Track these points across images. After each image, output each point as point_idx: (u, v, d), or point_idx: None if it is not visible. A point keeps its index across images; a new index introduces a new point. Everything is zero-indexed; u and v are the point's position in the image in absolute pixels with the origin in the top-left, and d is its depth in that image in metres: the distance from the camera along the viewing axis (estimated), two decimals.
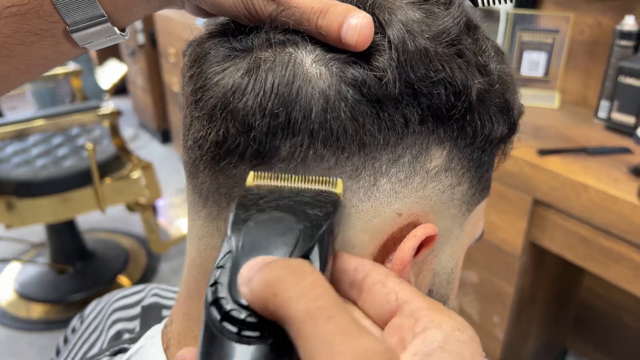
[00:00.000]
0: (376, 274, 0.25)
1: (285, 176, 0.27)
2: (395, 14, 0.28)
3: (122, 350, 0.40)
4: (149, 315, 0.46)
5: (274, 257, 0.22)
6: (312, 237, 0.24)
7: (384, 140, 0.28)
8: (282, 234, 0.24)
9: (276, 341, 0.21)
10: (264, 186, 0.27)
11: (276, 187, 0.27)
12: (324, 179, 0.27)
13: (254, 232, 0.24)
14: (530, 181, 1.16)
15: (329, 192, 0.27)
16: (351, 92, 0.27)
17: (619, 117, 1.25)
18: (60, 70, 1.97)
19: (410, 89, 0.28)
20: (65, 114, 1.65)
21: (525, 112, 0.36)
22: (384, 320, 0.25)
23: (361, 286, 0.26)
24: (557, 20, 1.39)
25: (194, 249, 0.33)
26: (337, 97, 0.27)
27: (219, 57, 0.29)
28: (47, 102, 2.64)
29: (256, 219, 0.24)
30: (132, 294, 0.51)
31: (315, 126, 0.27)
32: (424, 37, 0.28)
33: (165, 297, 0.49)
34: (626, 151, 1.16)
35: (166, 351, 0.36)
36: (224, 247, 0.24)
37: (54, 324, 1.89)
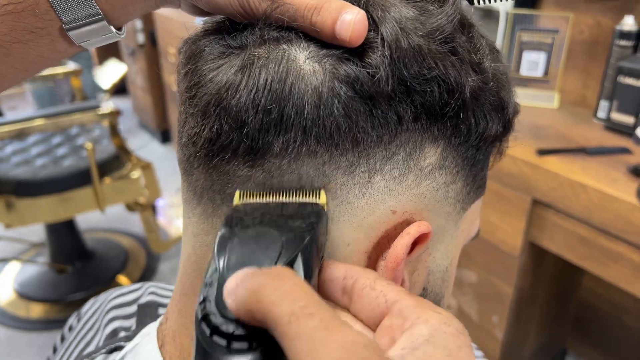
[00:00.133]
0: (365, 278, 0.26)
1: (271, 192, 0.28)
2: (389, 11, 0.28)
3: (118, 347, 0.40)
4: (146, 313, 0.46)
5: (258, 268, 0.23)
6: (295, 248, 0.24)
7: (377, 137, 0.28)
8: (266, 247, 0.25)
9: (265, 349, 0.21)
10: (249, 204, 0.28)
11: (261, 203, 0.28)
12: (307, 191, 0.28)
13: (239, 249, 0.25)
14: (529, 181, 1.16)
15: (312, 204, 0.28)
16: (344, 88, 0.27)
17: (618, 117, 1.24)
18: (59, 69, 1.97)
19: (403, 86, 0.28)
20: (64, 114, 1.65)
21: (524, 112, 0.36)
22: (375, 322, 0.25)
23: (352, 292, 0.26)
24: (557, 20, 1.39)
25: (189, 246, 0.33)
26: (330, 94, 0.27)
27: (213, 55, 0.29)
28: (46, 101, 2.64)
29: (241, 236, 0.25)
30: (129, 292, 0.51)
31: (308, 122, 0.27)
32: (417, 35, 0.28)
33: (161, 295, 0.49)
34: (625, 151, 1.16)
35: (161, 348, 0.36)
36: (211, 266, 0.24)
37: (54, 324, 1.89)
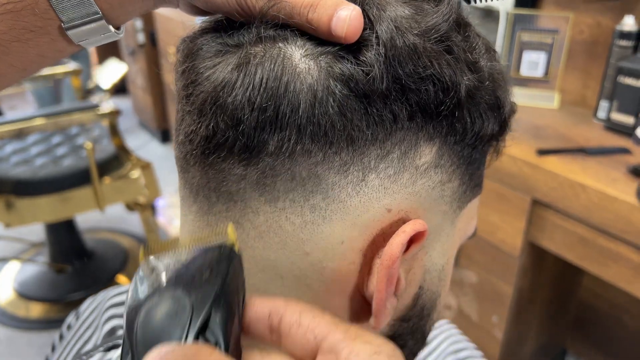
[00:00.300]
0: (290, 314, 0.25)
1: (175, 241, 0.26)
2: (384, 10, 0.28)
3: (116, 346, 0.41)
4: None
5: (170, 344, 0.21)
6: (204, 306, 0.23)
7: (372, 135, 0.28)
8: (175, 314, 0.23)
9: None
10: (154, 261, 0.25)
11: (168, 255, 0.25)
12: (214, 231, 0.26)
13: (147, 322, 0.23)
14: (529, 181, 1.16)
15: (219, 247, 0.25)
16: (339, 87, 0.27)
17: (618, 117, 1.24)
18: (60, 69, 1.97)
19: (398, 84, 0.28)
20: (64, 113, 1.65)
21: (524, 112, 0.36)
22: (312, 358, 0.24)
23: (279, 331, 0.25)
24: (557, 20, 1.39)
25: None
26: (325, 92, 0.27)
27: (210, 53, 0.30)
28: (46, 101, 2.64)
29: (147, 305, 0.23)
30: (128, 291, 0.51)
31: (303, 121, 0.27)
32: (412, 33, 0.28)
33: None
34: (625, 151, 1.16)
35: None
36: (125, 343, 0.23)
37: (53, 323, 1.89)
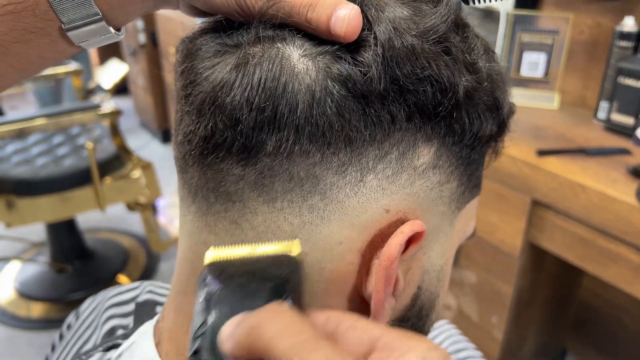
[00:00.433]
0: (346, 320, 0.26)
1: (242, 247, 0.28)
2: (382, 11, 0.28)
3: (115, 345, 0.41)
4: (143, 311, 0.46)
5: (245, 314, 0.23)
6: (280, 295, 0.25)
7: (370, 136, 0.28)
8: (253, 295, 0.25)
9: None
10: (223, 260, 0.28)
11: (235, 259, 0.28)
12: (281, 243, 0.28)
13: (225, 300, 0.25)
14: (529, 182, 1.16)
15: (286, 255, 0.28)
16: (337, 87, 0.27)
17: (619, 118, 1.24)
18: (61, 69, 1.97)
19: (396, 85, 0.28)
20: (65, 113, 1.66)
21: (524, 113, 0.36)
22: None
23: (335, 335, 0.26)
24: (557, 21, 1.39)
25: (185, 244, 0.34)
26: (323, 93, 0.27)
27: (209, 53, 0.30)
28: (48, 101, 2.64)
29: (225, 288, 0.26)
30: (127, 290, 0.51)
31: (301, 121, 0.27)
32: (410, 34, 0.28)
33: (159, 294, 0.49)
34: (625, 152, 1.16)
35: (157, 346, 0.36)
36: (196, 321, 0.25)
37: (54, 323, 1.90)
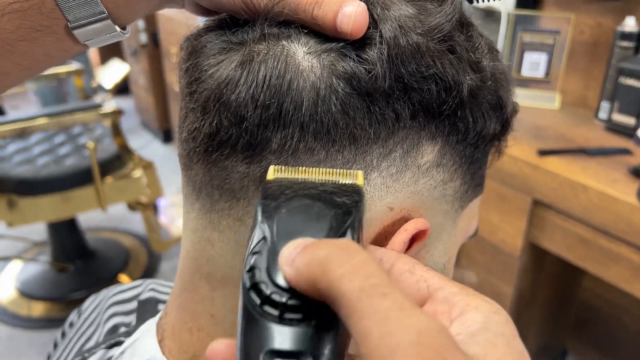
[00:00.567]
0: (403, 263, 0.25)
1: (305, 169, 0.27)
2: (388, 9, 0.28)
3: (118, 343, 0.41)
4: (145, 309, 0.46)
5: (311, 239, 0.22)
6: (344, 222, 0.24)
7: (374, 134, 0.28)
8: (315, 219, 0.24)
9: (319, 322, 0.21)
10: (285, 179, 0.27)
11: (298, 179, 0.27)
12: (344, 171, 0.27)
13: (287, 218, 0.24)
14: (529, 181, 1.16)
15: (351, 184, 0.27)
16: (342, 85, 0.27)
17: (620, 118, 1.25)
18: (62, 69, 1.98)
19: (400, 83, 0.28)
20: (67, 113, 1.66)
21: (525, 113, 0.36)
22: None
23: (389, 276, 0.25)
24: (558, 21, 1.40)
25: (189, 241, 0.34)
26: (327, 90, 0.27)
27: (214, 50, 0.30)
28: (49, 100, 2.64)
29: (286, 206, 0.24)
30: (129, 289, 0.51)
31: (306, 118, 0.27)
32: (416, 33, 0.28)
33: (161, 292, 0.49)
34: (626, 152, 1.16)
35: (160, 343, 0.36)
36: (256, 234, 0.24)
37: (55, 322, 1.90)
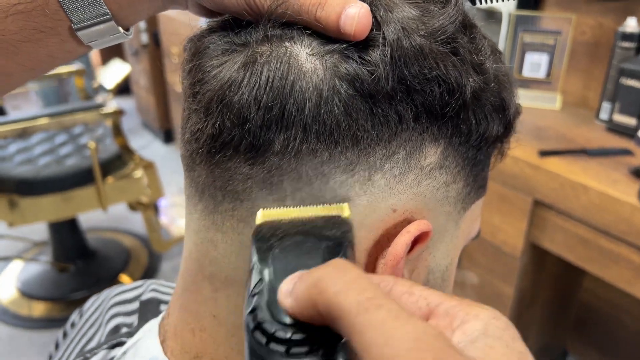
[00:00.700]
0: (401, 285, 0.26)
1: (292, 209, 0.28)
2: (391, 11, 0.28)
3: (120, 343, 0.41)
4: (147, 309, 0.46)
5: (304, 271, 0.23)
6: (337, 254, 0.25)
7: (377, 135, 0.28)
8: (308, 253, 0.25)
9: (326, 351, 0.21)
10: (275, 220, 0.28)
11: (287, 218, 0.28)
12: (330, 206, 0.28)
13: (281, 257, 0.25)
14: (530, 182, 1.16)
15: (338, 216, 0.28)
16: (344, 86, 0.27)
17: (621, 118, 1.25)
18: (63, 69, 1.98)
19: (403, 85, 0.28)
20: (68, 113, 1.66)
21: (526, 113, 0.36)
22: None
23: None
24: (559, 21, 1.39)
25: (191, 242, 0.34)
26: (330, 92, 0.27)
27: (217, 51, 0.30)
28: (51, 100, 2.65)
29: (279, 245, 0.25)
30: (131, 289, 0.51)
31: (308, 120, 0.27)
32: (419, 35, 0.28)
33: (163, 292, 0.49)
34: (627, 153, 1.16)
35: (162, 343, 0.36)
36: (253, 277, 0.24)
37: (56, 322, 1.90)
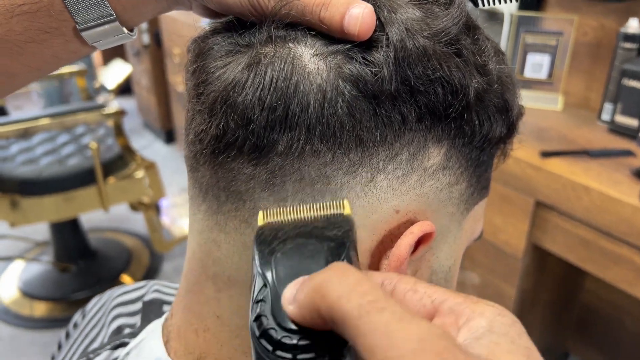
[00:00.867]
0: (404, 283, 0.26)
1: (293, 209, 0.28)
2: (395, 12, 0.29)
3: (123, 344, 0.41)
4: (150, 310, 0.46)
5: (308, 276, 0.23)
6: (339, 255, 0.25)
7: (380, 136, 0.28)
8: (311, 256, 0.25)
9: (332, 356, 0.21)
10: (276, 221, 0.27)
11: (288, 219, 0.27)
12: (330, 203, 0.28)
13: (284, 261, 0.25)
14: (532, 183, 1.16)
15: (339, 214, 0.27)
16: (348, 87, 0.27)
17: (623, 119, 1.25)
18: (65, 69, 1.98)
19: (407, 86, 0.28)
20: (70, 113, 1.66)
21: (528, 114, 0.36)
22: None
23: (393, 296, 0.26)
24: (561, 22, 1.39)
25: (195, 243, 0.34)
26: (334, 93, 0.27)
27: (221, 52, 0.30)
28: (53, 101, 2.65)
29: (281, 249, 0.25)
30: (134, 290, 0.52)
31: (312, 121, 0.27)
32: (422, 36, 0.28)
33: (166, 293, 0.49)
34: (629, 154, 1.16)
35: (166, 344, 0.36)
36: (256, 283, 0.24)
37: (57, 322, 1.90)
